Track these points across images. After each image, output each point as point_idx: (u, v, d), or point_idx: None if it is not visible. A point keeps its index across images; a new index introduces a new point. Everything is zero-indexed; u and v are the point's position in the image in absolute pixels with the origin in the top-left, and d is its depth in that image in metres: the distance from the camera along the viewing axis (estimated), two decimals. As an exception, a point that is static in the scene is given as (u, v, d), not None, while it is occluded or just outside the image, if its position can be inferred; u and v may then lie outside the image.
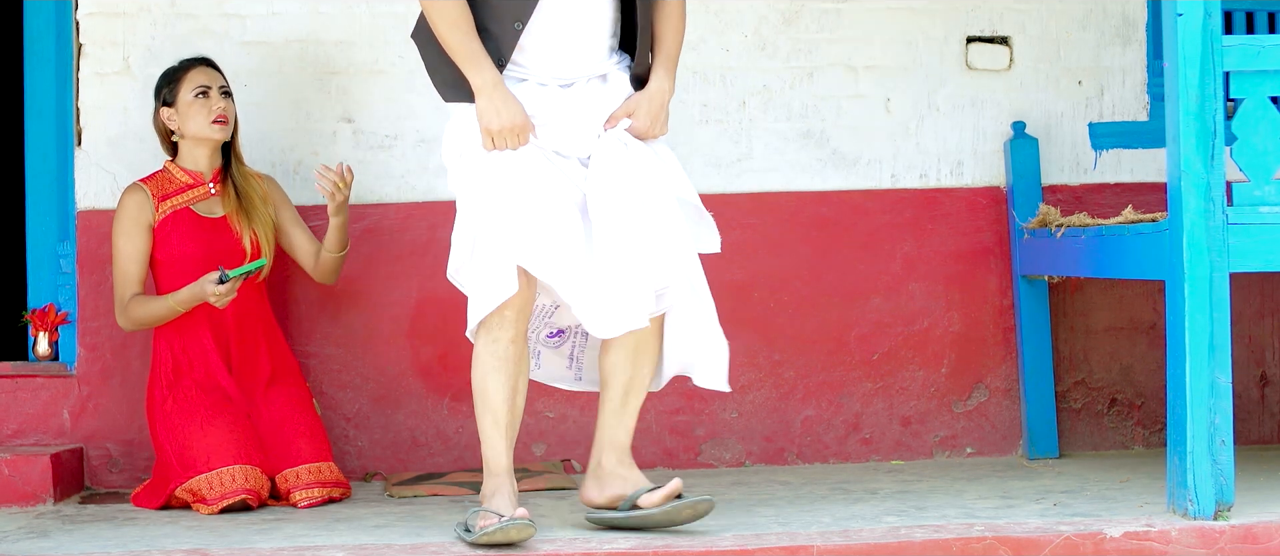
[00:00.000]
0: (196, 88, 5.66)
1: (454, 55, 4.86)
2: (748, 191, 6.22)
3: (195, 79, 5.67)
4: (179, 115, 5.69)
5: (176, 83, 5.69)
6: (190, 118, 5.67)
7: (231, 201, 5.71)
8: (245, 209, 5.71)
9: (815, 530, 4.84)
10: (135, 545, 4.86)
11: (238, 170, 5.77)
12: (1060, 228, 5.81)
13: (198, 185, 5.72)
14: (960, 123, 6.31)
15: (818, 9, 6.24)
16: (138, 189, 5.70)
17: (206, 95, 5.66)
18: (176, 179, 5.72)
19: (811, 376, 6.24)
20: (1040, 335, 6.21)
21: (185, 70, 5.70)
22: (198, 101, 5.66)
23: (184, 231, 5.66)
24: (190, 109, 5.67)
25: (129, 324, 5.67)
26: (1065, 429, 6.33)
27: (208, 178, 5.73)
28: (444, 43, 4.88)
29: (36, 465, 5.63)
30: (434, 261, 6.11)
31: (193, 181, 5.72)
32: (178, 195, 5.70)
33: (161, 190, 5.70)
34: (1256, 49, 4.97)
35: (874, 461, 6.25)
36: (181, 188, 5.71)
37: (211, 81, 5.68)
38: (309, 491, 5.49)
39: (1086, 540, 4.72)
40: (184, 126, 5.68)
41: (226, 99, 5.70)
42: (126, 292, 5.66)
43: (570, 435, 6.15)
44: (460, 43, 4.85)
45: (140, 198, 5.68)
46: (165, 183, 5.72)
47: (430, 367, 6.12)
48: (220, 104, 5.67)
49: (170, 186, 5.71)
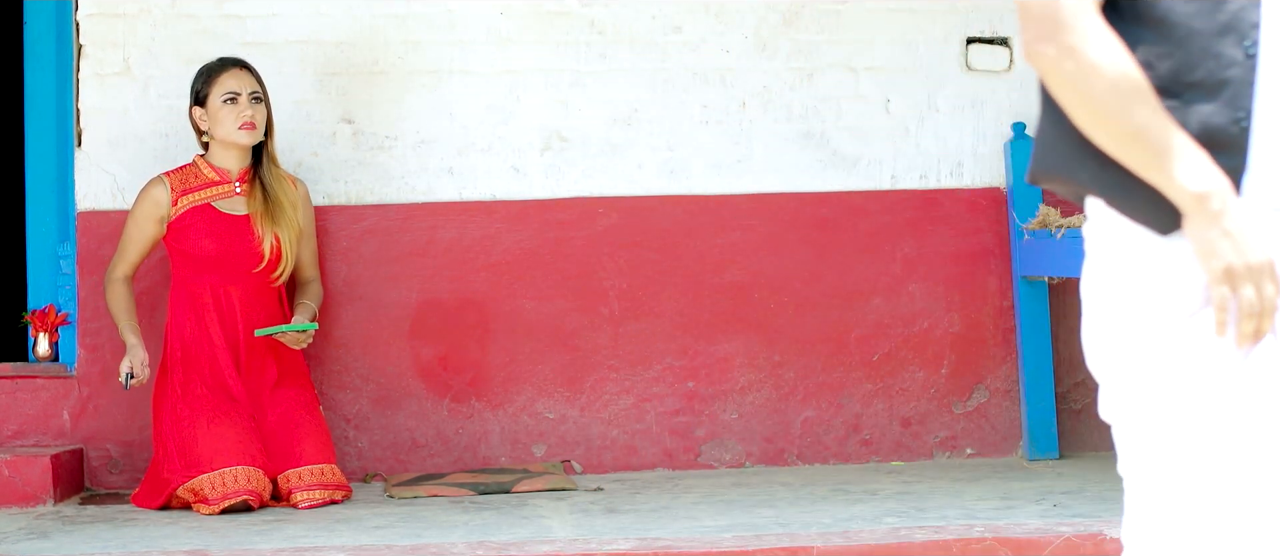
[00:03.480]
0: (226, 93, 5.66)
1: (1135, 144, 2.58)
2: (747, 192, 6.22)
3: (226, 83, 5.67)
4: (209, 116, 5.70)
5: (209, 84, 5.69)
6: (219, 121, 5.68)
7: (257, 202, 5.71)
8: (271, 211, 5.71)
9: (815, 531, 4.84)
10: (135, 546, 4.86)
11: (269, 171, 5.76)
12: (1060, 228, 5.81)
13: (223, 182, 5.73)
14: (960, 124, 6.31)
15: (818, 10, 6.24)
16: (159, 182, 5.73)
17: (235, 101, 5.67)
18: (203, 174, 5.74)
19: (811, 377, 6.24)
20: (1040, 336, 6.21)
21: (218, 73, 5.69)
22: (226, 107, 5.67)
23: (202, 226, 5.66)
24: (219, 113, 5.68)
25: (106, 298, 5.76)
26: (1065, 429, 6.33)
27: (235, 176, 5.74)
28: (1119, 127, 2.59)
29: (36, 466, 5.62)
30: (434, 262, 6.11)
31: (219, 178, 5.73)
32: (200, 190, 5.71)
33: (185, 184, 5.71)
34: (1257, 50, 4.95)
35: (874, 462, 6.25)
36: (206, 183, 5.73)
37: (242, 87, 5.68)
38: (310, 492, 5.49)
39: (1087, 541, 4.72)
40: (213, 128, 5.70)
41: (256, 105, 5.69)
42: (117, 270, 5.74)
43: (570, 436, 6.15)
44: (1148, 123, 2.58)
45: (159, 191, 5.71)
46: (191, 176, 5.73)
47: (430, 369, 6.12)
48: (248, 111, 5.66)
49: (195, 181, 5.72)
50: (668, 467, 6.18)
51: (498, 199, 6.14)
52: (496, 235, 6.14)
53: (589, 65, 6.17)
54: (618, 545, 4.70)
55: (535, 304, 6.14)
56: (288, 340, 5.66)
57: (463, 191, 6.13)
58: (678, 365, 6.18)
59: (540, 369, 6.15)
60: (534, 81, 6.15)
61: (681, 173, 6.20)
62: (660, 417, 6.17)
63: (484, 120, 6.14)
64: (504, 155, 6.15)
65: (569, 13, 6.17)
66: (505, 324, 6.13)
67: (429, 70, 6.12)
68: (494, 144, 6.14)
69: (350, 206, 6.10)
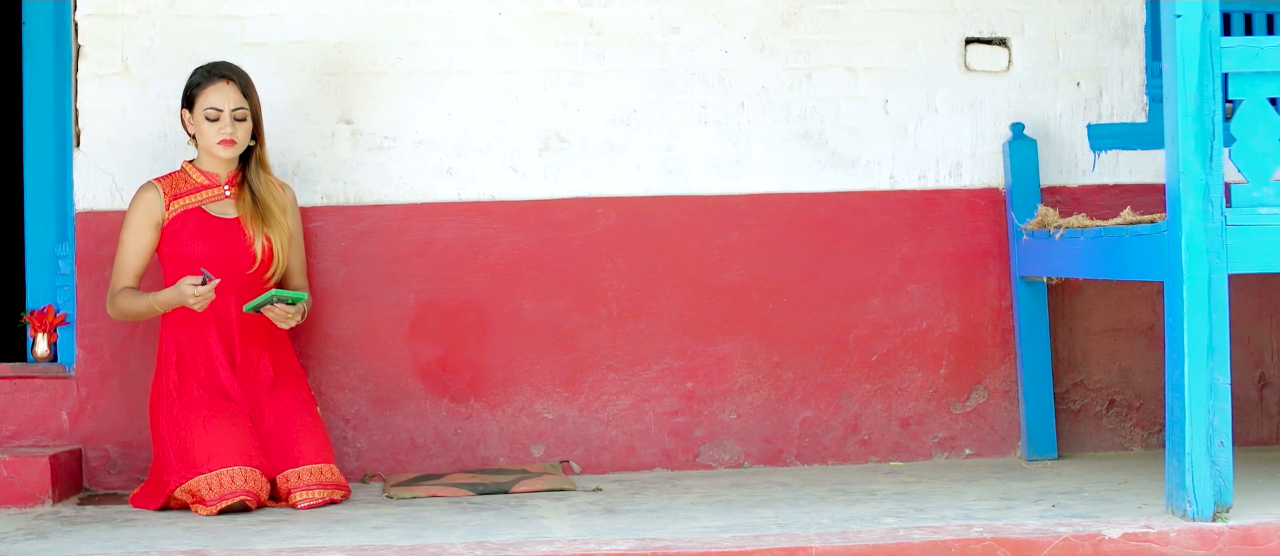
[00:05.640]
0: (208, 108, 5.66)
1: None
2: (746, 192, 6.22)
3: (209, 98, 5.67)
4: (194, 124, 5.71)
5: (195, 93, 5.69)
6: (201, 132, 5.70)
7: (247, 205, 5.72)
8: (260, 214, 5.71)
9: (814, 531, 4.84)
10: (134, 546, 4.86)
11: (257, 176, 5.76)
12: (1059, 229, 5.81)
13: (213, 186, 5.73)
14: (959, 124, 6.31)
15: (817, 10, 6.25)
16: (151, 187, 5.73)
17: (216, 118, 5.66)
18: (192, 179, 5.74)
19: (810, 377, 6.24)
20: (1039, 336, 6.21)
21: (204, 85, 5.68)
22: (207, 123, 5.68)
23: (193, 230, 5.67)
24: (201, 125, 5.69)
25: (115, 314, 5.72)
26: (1064, 430, 6.33)
27: (223, 180, 5.74)
28: None
29: (35, 466, 5.62)
30: (432, 263, 6.11)
31: (208, 182, 5.74)
32: (190, 194, 5.72)
33: (175, 189, 5.72)
34: (1255, 50, 4.97)
35: (873, 462, 6.25)
36: (196, 188, 5.73)
37: (225, 105, 5.67)
38: (309, 492, 5.49)
39: (1085, 541, 4.72)
40: (197, 136, 5.71)
41: (238, 123, 5.68)
42: (118, 284, 5.70)
43: (569, 436, 6.15)
44: None
45: (152, 196, 5.71)
46: (180, 182, 5.73)
47: (429, 369, 6.12)
48: (228, 129, 5.66)
49: (184, 186, 5.73)
50: (666, 468, 6.18)
51: (496, 199, 6.14)
52: (495, 235, 6.14)
53: (588, 65, 6.17)
54: (616, 545, 4.70)
55: (534, 304, 6.15)
56: (274, 315, 5.59)
57: (461, 192, 6.13)
58: (676, 365, 6.18)
59: (539, 369, 6.15)
60: (532, 82, 6.15)
61: (680, 173, 6.20)
62: (659, 418, 6.17)
63: (483, 120, 6.14)
64: (503, 155, 6.15)
65: (567, 13, 6.17)
66: (504, 324, 6.13)
67: (428, 70, 6.12)
68: (493, 144, 6.14)
69: (349, 206, 6.10)
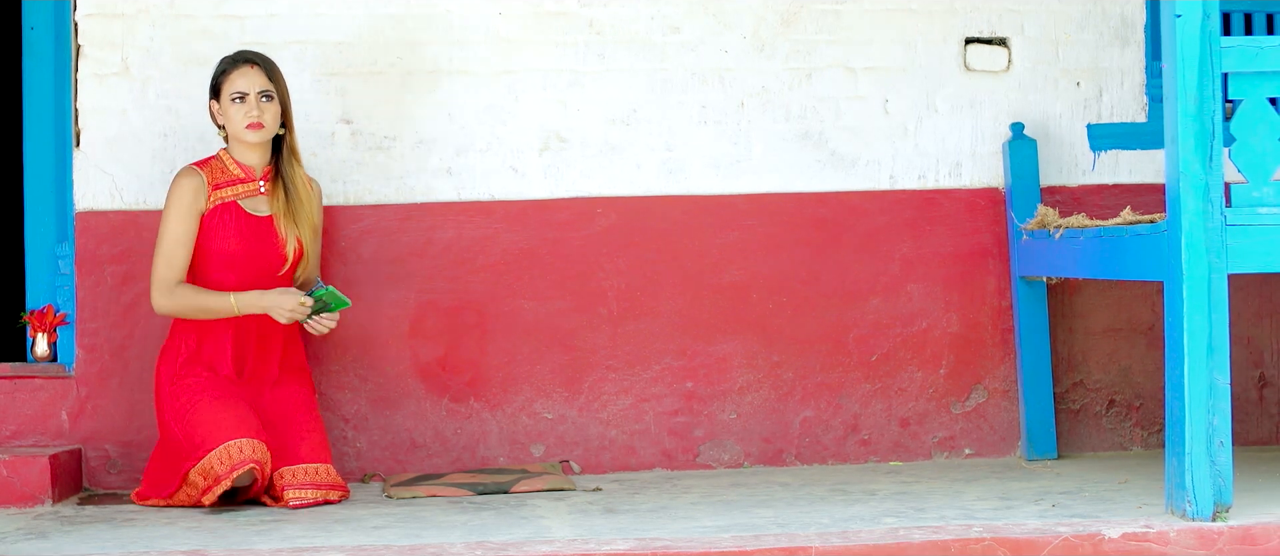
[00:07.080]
0: (234, 92, 5.66)
1: None
2: (746, 192, 6.22)
3: (235, 82, 5.66)
4: (221, 112, 5.70)
5: (221, 79, 5.69)
6: (229, 118, 5.69)
7: (279, 202, 5.70)
8: (292, 209, 5.70)
9: (814, 531, 4.84)
10: (134, 546, 4.86)
11: (290, 166, 5.75)
12: (1059, 229, 5.81)
13: (249, 180, 5.72)
14: (959, 124, 6.31)
15: (816, 10, 6.25)
16: (194, 173, 5.69)
17: (243, 100, 5.66)
18: (229, 170, 5.73)
19: (810, 377, 6.24)
20: (1039, 336, 6.21)
21: (230, 70, 5.68)
22: (234, 105, 5.66)
23: (231, 227, 5.65)
24: (228, 110, 5.68)
25: (172, 307, 5.63)
26: (1064, 430, 6.33)
27: (259, 175, 5.73)
28: None
29: (35, 466, 5.62)
30: (432, 262, 6.11)
31: (244, 176, 5.72)
32: (228, 187, 5.70)
33: (215, 179, 5.70)
34: (1255, 50, 4.97)
35: (873, 462, 6.25)
36: (233, 180, 5.72)
37: (251, 87, 5.66)
38: (302, 492, 5.48)
39: (1085, 541, 4.72)
40: (226, 123, 5.70)
41: (266, 102, 5.68)
42: (171, 276, 5.62)
43: (569, 435, 6.15)
44: None
45: (196, 182, 5.67)
46: (218, 171, 5.71)
47: (429, 369, 6.12)
48: (255, 111, 5.65)
49: (223, 176, 5.71)
50: (666, 468, 6.18)
51: (496, 199, 6.14)
52: (495, 235, 6.14)
53: (588, 65, 6.17)
54: (616, 545, 4.70)
55: (534, 304, 6.15)
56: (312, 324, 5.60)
57: (461, 192, 6.14)
58: (676, 365, 6.18)
59: (539, 369, 6.15)
60: (532, 82, 6.15)
61: (680, 173, 6.20)
62: (659, 418, 6.17)
63: (482, 120, 6.14)
64: (502, 155, 6.15)
65: (567, 13, 6.17)
66: (504, 324, 6.13)
67: (428, 70, 6.12)
68: (492, 144, 6.15)
69: (349, 206, 6.10)
